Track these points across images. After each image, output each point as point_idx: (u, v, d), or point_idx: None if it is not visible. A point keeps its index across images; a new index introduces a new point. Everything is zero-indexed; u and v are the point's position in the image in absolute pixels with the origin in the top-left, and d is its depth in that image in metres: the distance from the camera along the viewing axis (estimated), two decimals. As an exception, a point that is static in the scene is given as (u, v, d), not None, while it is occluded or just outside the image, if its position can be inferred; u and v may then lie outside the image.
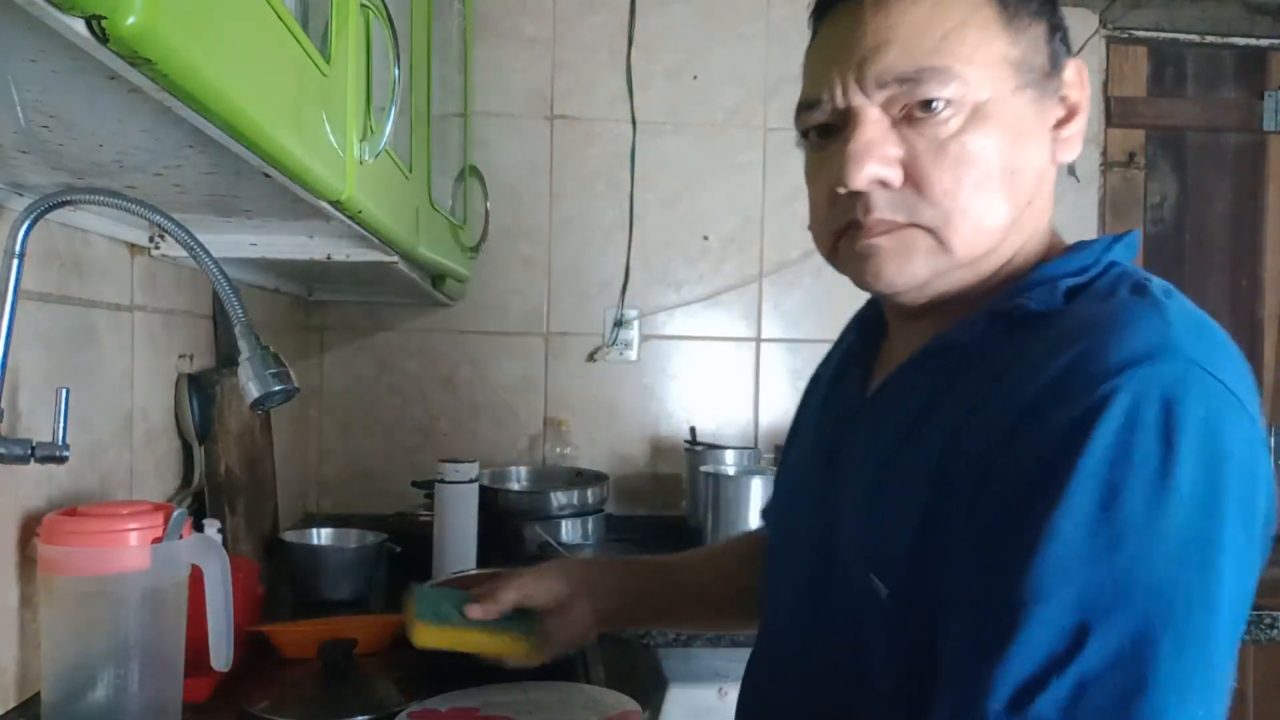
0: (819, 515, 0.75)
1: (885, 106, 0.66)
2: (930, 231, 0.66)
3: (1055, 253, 0.70)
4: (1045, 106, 0.68)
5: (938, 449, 0.63)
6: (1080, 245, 0.69)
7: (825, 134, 0.70)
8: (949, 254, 0.67)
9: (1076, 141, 0.70)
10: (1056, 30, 0.69)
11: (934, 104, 0.64)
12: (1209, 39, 2.30)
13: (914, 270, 0.67)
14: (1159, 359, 0.55)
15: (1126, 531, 0.52)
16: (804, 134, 0.72)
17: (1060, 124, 0.69)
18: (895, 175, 0.66)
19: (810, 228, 0.74)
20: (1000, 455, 0.58)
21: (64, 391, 0.87)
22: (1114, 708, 0.50)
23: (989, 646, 0.53)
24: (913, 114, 0.65)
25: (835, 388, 0.83)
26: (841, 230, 0.69)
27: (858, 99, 0.66)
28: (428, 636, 0.92)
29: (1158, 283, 0.64)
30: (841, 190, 0.66)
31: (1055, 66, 0.69)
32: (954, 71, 0.64)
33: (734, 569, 1.03)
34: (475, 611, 0.94)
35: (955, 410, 0.63)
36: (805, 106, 0.70)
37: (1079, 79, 0.70)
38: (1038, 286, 0.65)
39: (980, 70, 0.65)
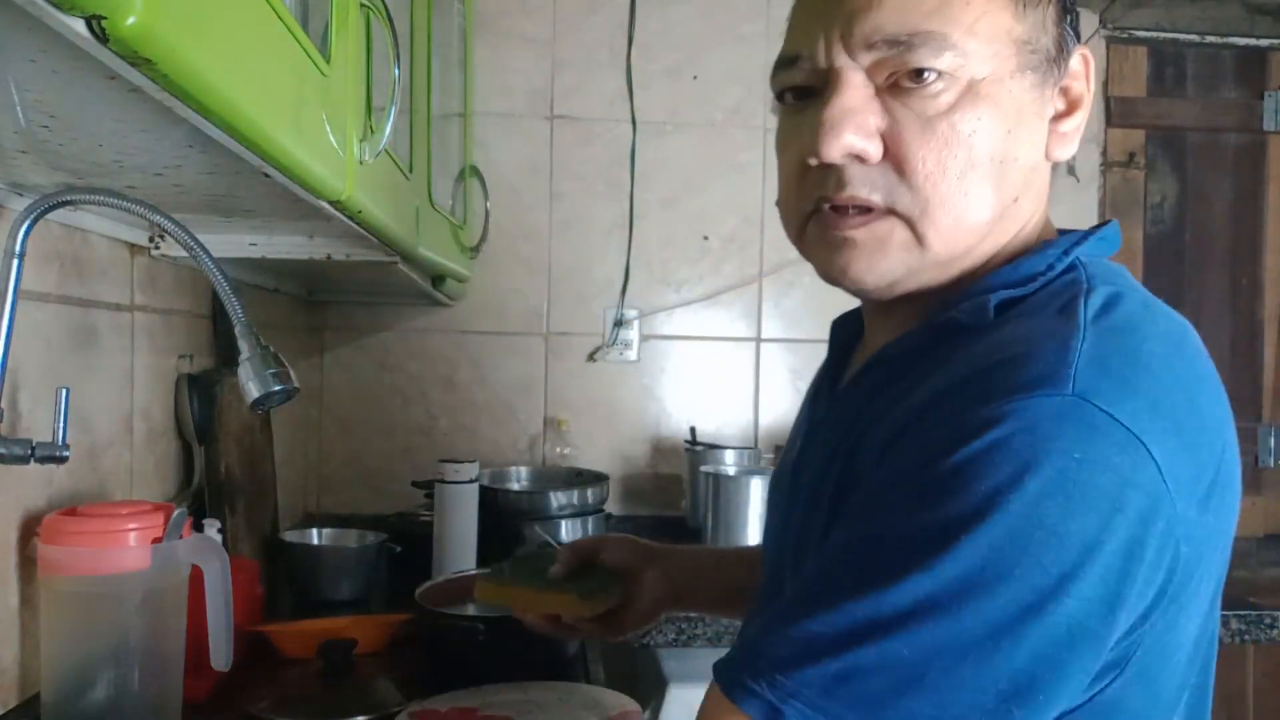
0: (781, 523, 0.73)
1: (871, 71, 0.59)
2: (907, 223, 0.60)
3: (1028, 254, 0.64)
4: (1046, 95, 0.62)
5: (844, 457, 0.61)
6: (1044, 245, 0.63)
7: (802, 96, 0.63)
8: (925, 250, 0.61)
9: (1074, 138, 0.64)
10: (1068, 13, 0.63)
11: (925, 74, 0.58)
12: (1209, 39, 2.30)
13: (886, 268, 0.62)
14: (1039, 392, 0.50)
15: (947, 546, 0.49)
16: (779, 95, 0.65)
17: (1060, 117, 0.63)
18: (874, 149, 0.59)
19: (777, 203, 0.67)
20: (882, 458, 0.56)
21: (64, 391, 0.87)
22: (869, 702, 0.50)
23: (803, 605, 0.53)
24: (900, 83, 0.59)
25: (812, 400, 0.81)
26: (812, 211, 0.63)
27: (840, 59, 0.59)
28: (487, 593, 0.96)
29: (1098, 298, 0.57)
30: (813, 161, 0.60)
31: (1062, 52, 0.62)
32: (951, 40, 0.58)
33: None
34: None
35: (868, 422, 0.61)
36: (783, 63, 0.63)
37: (1085, 70, 0.63)
38: (970, 298, 0.60)
39: (981, 43, 0.58)
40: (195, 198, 0.91)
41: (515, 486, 1.97)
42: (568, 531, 1.74)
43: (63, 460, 0.88)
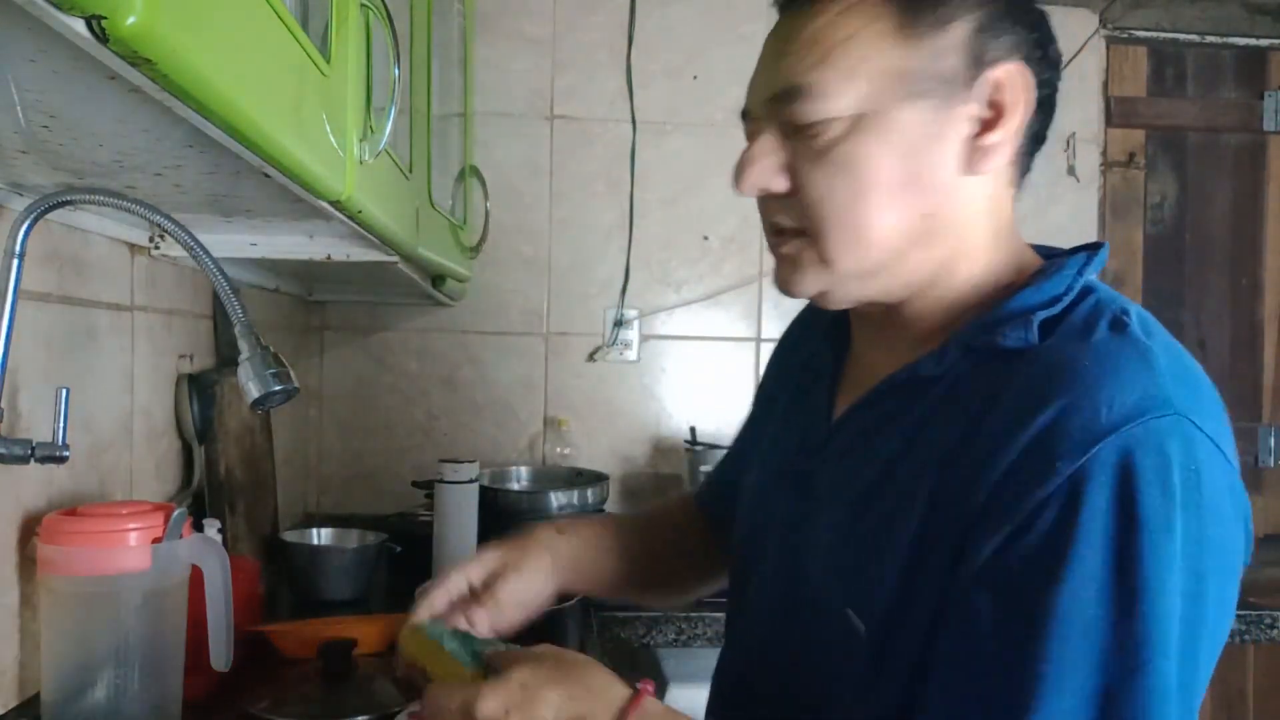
0: (790, 539, 0.75)
1: (776, 117, 0.68)
2: (812, 243, 0.67)
3: (1025, 275, 0.68)
4: (952, 115, 0.65)
5: (923, 494, 0.63)
6: (1052, 268, 0.67)
7: None
8: (832, 265, 0.67)
9: (999, 150, 0.66)
10: (986, 29, 0.65)
11: (807, 119, 0.65)
12: (1209, 39, 2.30)
13: (804, 280, 0.69)
14: (1149, 415, 0.55)
15: (1139, 591, 0.53)
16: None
17: (982, 132, 0.66)
18: (779, 183, 0.68)
19: None
20: (991, 515, 0.58)
21: (64, 391, 0.87)
22: None
23: (1010, 712, 0.54)
24: (797, 127, 0.66)
25: (799, 403, 0.82)
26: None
27: (757, 111, 0.70)
28: (410, 644, 0.83)
29: (1136, 314, 0.63)
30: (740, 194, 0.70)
31: (976, 69, 0.65)
32: (822, 87, 0.65)
33: (671, 539, 1.04)
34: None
35: (934, 453, 0.63)
36: (742, 116, 0.73)
37: (1013, 81, 0.65)
38: (1010, 321, 0.64)
39: (861, 83, 0.64)
40: (195, 198, 0.91)
41: (515, 486, 1.97)
42: (568, 531, 1.74)
43: (63, 460, 0.88)
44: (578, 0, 2.15)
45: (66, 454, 0.88)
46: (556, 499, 1.76)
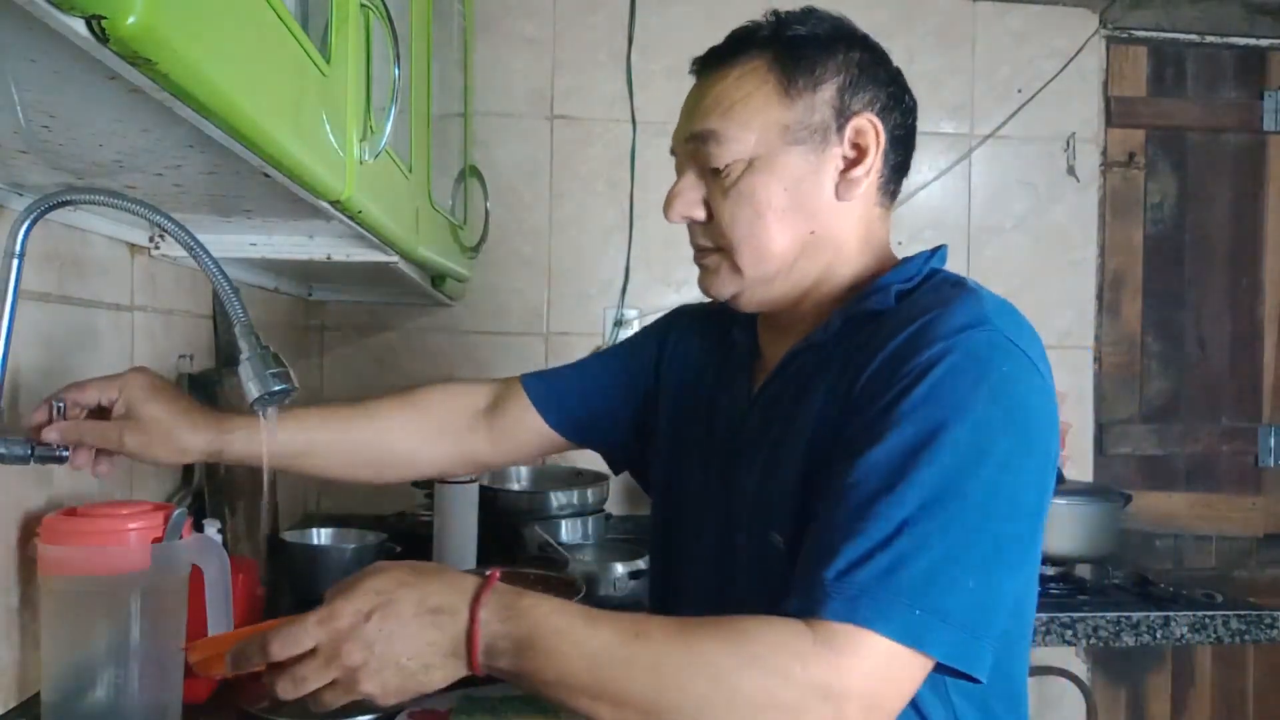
0: (723, 493, 0.90)
1: (693, 157, 0.87)
2: (727, 257, 0.86)
3: (888, 266, 0.87)
4: (826, 156, 0.84)
5: (811, 421, 0.81)
6: (905, 260, 0.87)
7: None
8: (741, 274, 0.86)
9: (862, 182, 0.84)
10: (848, 89, 0.83)
11: (716, 162, 0.84)
12: (1209, 39, 2.30)
13: (721, 286, 0.88)
14: (974, 328, 0.74)
15: (941, 452, 0.69)
16: None
17: (847, 168, 0.84)
18: (699, 212, 0.87)
19: None
20: (858, 404, 0.75)
21: (59, 405, 0.88)
22: (919, 577, 0.67)
23: (833, 535, 0.69)
24: (709, 167, 0.85)
25: (721, 390, 0.97)
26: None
27: (680, 150, 0.89)
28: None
29: (972, 281, 0.82)
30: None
31: (843, 118, 0.83)
32: (726, 135, 0.83)
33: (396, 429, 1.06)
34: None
35: (822, 388, 0.81)
36: (670, 152, 0.91)
37: (870, 128, 0.83)
38: (876, 293, 0.83)
39: (754, 133, 0.83)
40: (195, 198, 0.91)
41: (515, 486, 1.97)
42: (567, 532, 1.74)
43: (63, 460, 0.88)
44: (578, 0, 2.15)
45: (66, 454, 0.88)
46: (556, 499, 1.76)
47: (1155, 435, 2.31)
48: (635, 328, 2.17)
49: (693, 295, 0.98)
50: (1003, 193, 2.27)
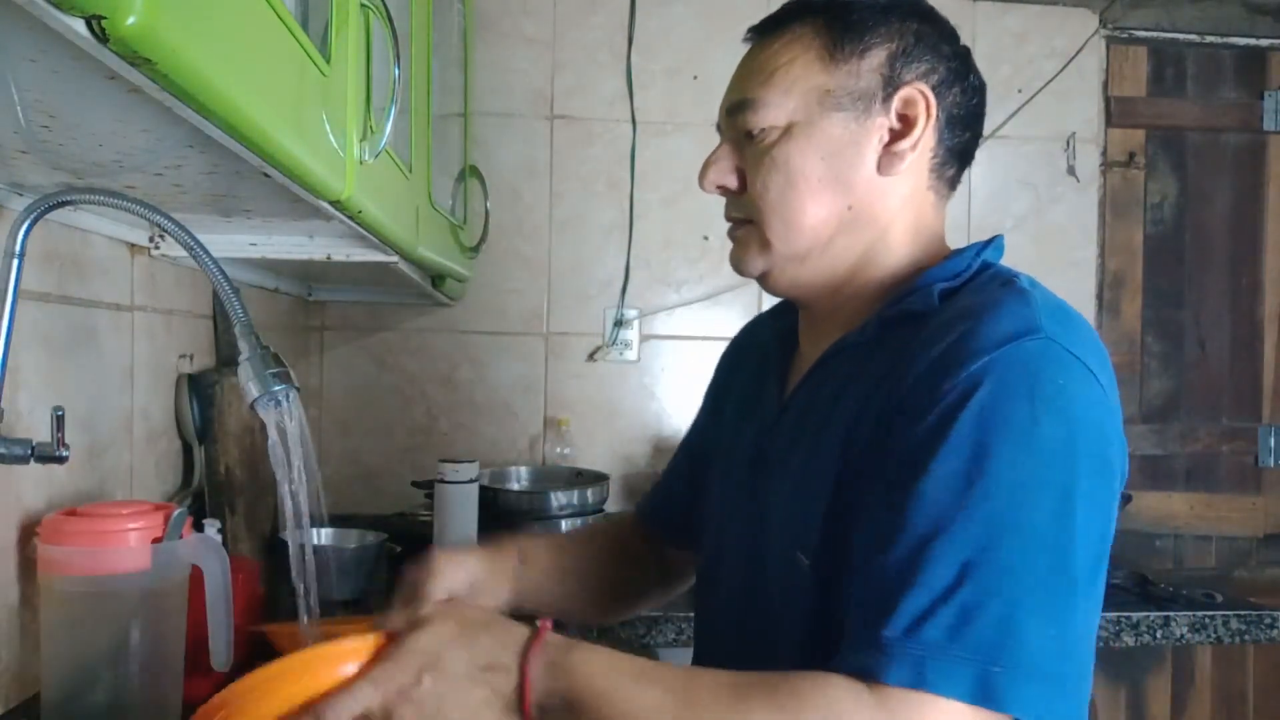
0: (751, 510, 0.85)
1: (733, 128, 0.83)
2: (757, 229, 0.81)
3: (937, 259, 0.80)
4: (869, 125, 0.78)
5: (842, 436, 0.74)
6: (955, 253, 0.80)
7: None
8: (772, 248, 0.81)
9: (906, 156, 0.78)
10: (900, 56, 0.78)
11: (752, 127, 0.80)
12: (1209, 39, 2.30)
13: (750, 261, 0.83)
14: (1023, 338, 0.66)
15: (996, 482, 0.63)
16: None
17: (892, 140, 0.78)
18: (733, 181, 0.83)
19: None
20: (895, 423, 0.69)
21: (58, 413, 0.87)
22: (990, 630, 0.61)
23: (888, 583, 0.64)
24: (747, 133, 0.81)
25: (752, 399, 0.93)
26: None
27: (720, 122, 0.86)
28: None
29: (1024, 276, 0.74)
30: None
31: (891, 87, 0.78)
32: (763, 101, 0.79)
33: (619, 555, 1.08)
34: None
35: (856, 399, 0.75)
36: (716, 129, 0.87)
37: (920, 99, 0.78)
38: (916, 291, 0.76)
39: (794, 99, 0.78)
40: (195, 198, 0.91)
41: (515, 486, 1.97)
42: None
43: (62, 460, 0.88)
44: (578, 0, 2.15)
45: (66, 454, 0.88)
46: (556, 499, 1.76)
47: (1155, 435, 2.31)
48: (635, 328, 2.17)
49: (692, 295, 0.98)
50: (1003, 192, 2.27)
